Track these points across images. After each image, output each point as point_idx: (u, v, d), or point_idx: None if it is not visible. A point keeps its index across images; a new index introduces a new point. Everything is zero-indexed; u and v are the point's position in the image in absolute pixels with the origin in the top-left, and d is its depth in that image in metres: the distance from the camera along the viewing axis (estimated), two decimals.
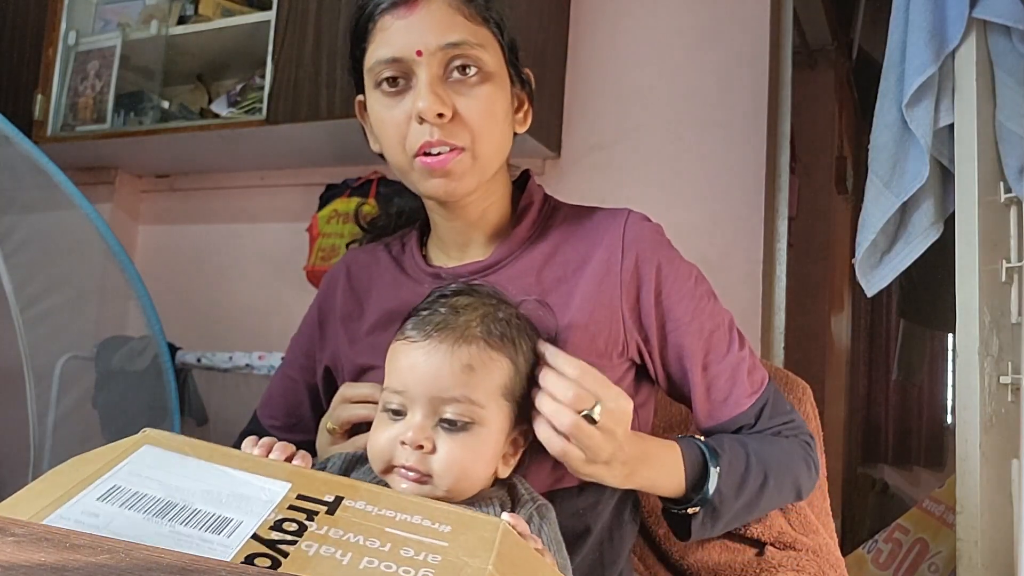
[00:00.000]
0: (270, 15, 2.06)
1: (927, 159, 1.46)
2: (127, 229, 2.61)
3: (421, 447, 0.68)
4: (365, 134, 0.91)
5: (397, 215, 1.00)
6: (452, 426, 0.69)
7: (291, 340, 1.00)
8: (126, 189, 2.63)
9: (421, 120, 0.79)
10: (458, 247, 0.90)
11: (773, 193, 1.90)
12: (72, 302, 2.02)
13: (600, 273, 0.84)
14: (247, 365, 1.95)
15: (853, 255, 1.58)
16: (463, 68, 0.80)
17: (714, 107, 1.92)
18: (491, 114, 0.82)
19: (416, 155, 0.80)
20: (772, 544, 0.98)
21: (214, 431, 2.16)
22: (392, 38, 0.79)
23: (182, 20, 2.28)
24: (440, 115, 0.78)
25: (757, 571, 0.97)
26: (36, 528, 0.50)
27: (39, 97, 2.34)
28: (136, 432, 0.65)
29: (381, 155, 0.89)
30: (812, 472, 0.86)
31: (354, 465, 0.78)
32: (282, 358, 1.01)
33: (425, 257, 0.93)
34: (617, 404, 0.72)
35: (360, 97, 0.89)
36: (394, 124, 0.81)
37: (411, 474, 0.69)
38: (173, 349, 2.05)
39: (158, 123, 2.26)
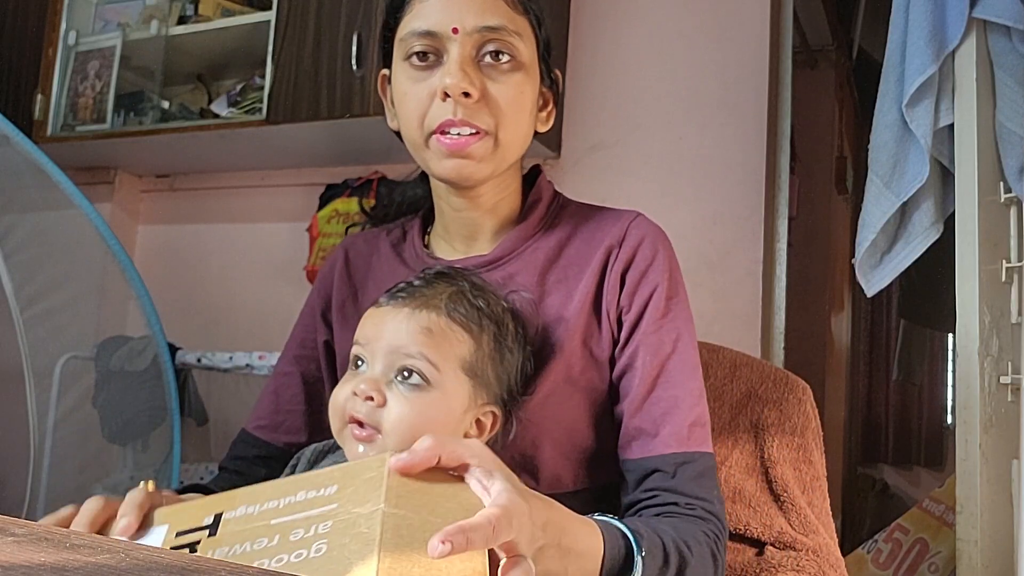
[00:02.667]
0: (270, 15, 2.06)
1: (927, 159, 1.46)
2: (127, 229, 2.61)
3: (371, 399, 0.69)
4: (384, 111, 0.89)
5: (399, 203, 0.96)
6: (406, 380, 0.69)
7: (285, 343, 0.98)
8: (126, 189, 2.63)
9: (445, 96, 0.76)
10: (463, 239, 0.88)
11: (773, 193, 1.90)
12: (72, 302, 2.02)
13: (598, 273, 0.83)
14: (247, 365, 1.95)
15: (853, 255, 1.58)
16: (496, 53, 0.78)
17: (714, 107, 1.92)
18: (519, 103, 0.79)
19: (434, 133, 0.78)
20: (772, 544, 0.98)
21: (214, 431, 2.16)
22: (429, 11, 0.77)
23: (182, 20, 2.28)
24: (467, 94, 0.76)
25: (757, 571, 0.97)
26: (36, 528, 0.50)
27: (39, 97, 2.34)
28: (136, 432, 0.65)
29: (397, 133, 0.86)
30: (719, 569, 0.75)
31: (325, 454, 0.78)
32: (274, 366, 0.98)
33: (427, 248, 0.90)
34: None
35: (385, 71, 0.86)
36: (417, 99, 0.78)
37: (362, 431, 0.69)
38: (173, 349, 2.05)
39: (158, 123, 2.26)
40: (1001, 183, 1.46)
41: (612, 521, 0.67)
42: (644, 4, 2.04)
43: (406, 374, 0.70)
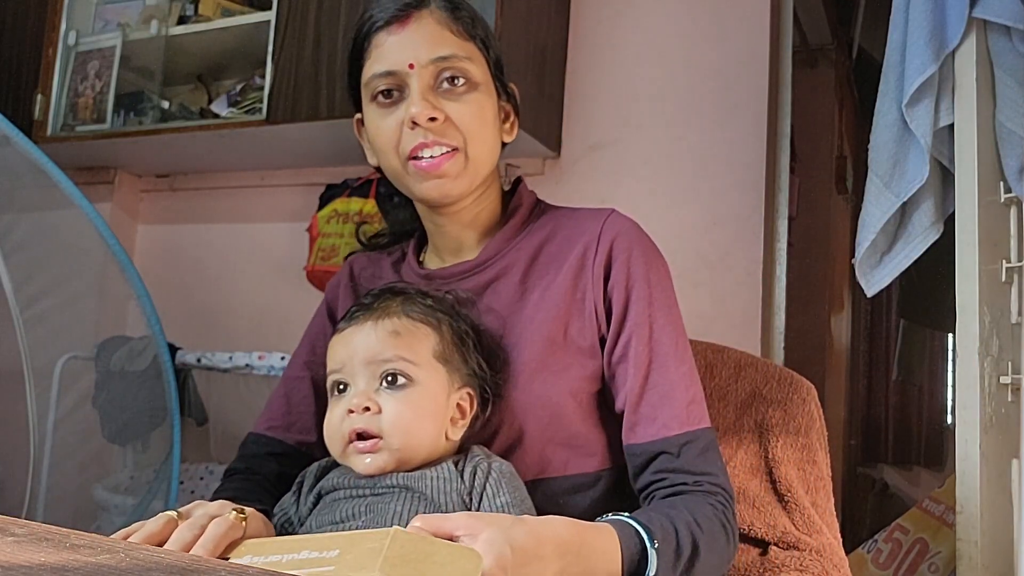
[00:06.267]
0: (270, 15, 2.06)
1: (927, 159, 1.46)
2: (127, 229, 2.60)
3: (367, 408, 0.74)
4: (363, 150, 0.96)
5: (392, 232, 1.04)
6: (392, 384, 0.76)
7: (293, 351, 1.01)
8: (126, 189, 2.62)
9: (414, 125, 0.84)
10: (451, 252, 0.95)
11: (773, 193, 1.90)
12: (72, 302, 2.02)
13: (576, 268, 0.88)
14: (247, 365, 1.94)
15: (853, 255, 1.58)
16: (452, 79, 0.86)
17: (714, 107, 1.92)
18: (481, 118, 0.87)
19: (409, 158, 0.85)
20: (776, 544, 0.98)
21: (214, 431, 2.16)
22: (386, 53, 0.85)
23: (182, 20, 2.28)
24: (432, 119, 0.83)
25: (760, 571, 0.97)
26: (36, 528, 0.50)
27: (39, 97, 2.34)
28: (136, 432, 0.65)
29: (378, 169, 0.93)
30: (731, 541, 0.81)
31: (329, 469, 0.81)
32: (282, 374, 1.02)
33: (421, 263, 0.98)
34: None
35: (358, 115, 0.94)
36: (388, 131, 0.86)
37: (365, 443, 0.74)
38: (173, 349, 2.05)
39: (158, 123, 2.26)
40: (1001, 183, 1.46)
41: (625, 519, 0.73)
42: (644, 4, 2.04)
43: (390, 379, 0.76)
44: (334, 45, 1.95)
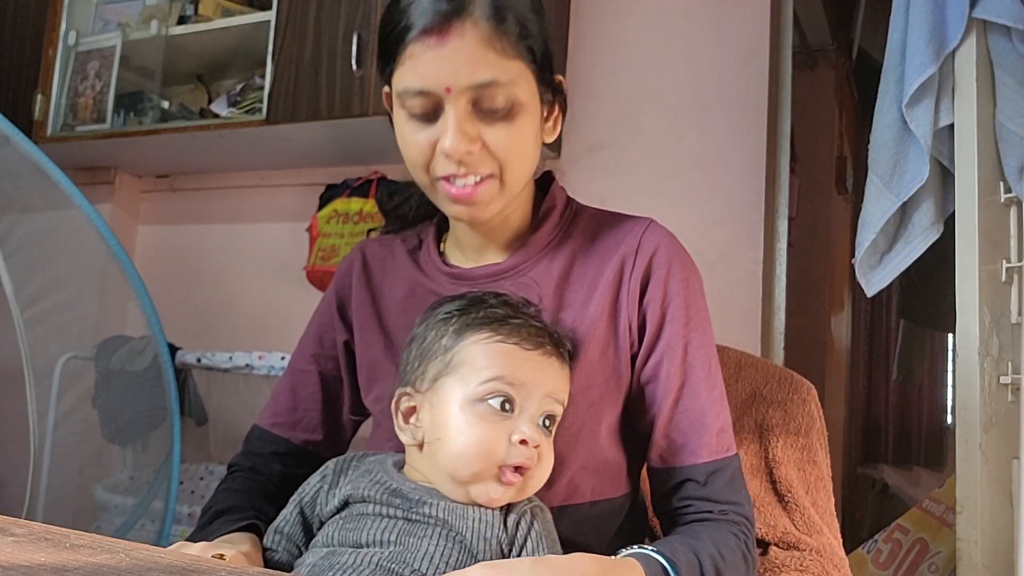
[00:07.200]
0: (270, 15, 2.06)
1: (927, 159, 1.46)
2: (127, 229, 2.60)
3: (538, 446, 0.71)
4: (392, 124, 0.86)
5: (418, 206, 0.96)
6: (547, 426, 0.74)
7: (300, 340, 0.97)
8: (126, 189, 2.62)
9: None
10: (474, 249, 0.89)
11: (773, 193, 1.90)
12: (72, 302, 2.02)
13: (614, 285, 0.83)
14: (247, 365, 1.94)
15: (853, 255, 1.57)
16: (492, 103, 0.77)
17: (714, 107, 1.92)
18: (521, 145, 0.80)
19: (440, 179, 0.79)
20: (776, 544, 0.98)
21: (214, 431, 2.16)
22: (421, 69, 0.76)
23: (182, 20, 2.28)
24: (468, 152, 0.77)
25: (761, 571, 0.97)
26: (36, 528, 0.50)
27: (39, 97, 2.34)
28: (136, 432, 0.64)
29: None
30: (750, 571, 0.80)
31: (349, 464, 0.78)
32: (286, 365, 0.98)
33: (442, 255, 0.91)
34: None
35: (387, 89, 0.85)
36: (419, 148, 0.79)
37: (517, 476, 0.71)
38: (173, 349, 2.05)
39: (158, 123, 2.26)
40: (1001, 183, 1.46)
41: (650, 553, 0.72)
42: (644, 4, 2.04)
43: (549, 421, 0.74)
44: (334, 45, 1.95)
